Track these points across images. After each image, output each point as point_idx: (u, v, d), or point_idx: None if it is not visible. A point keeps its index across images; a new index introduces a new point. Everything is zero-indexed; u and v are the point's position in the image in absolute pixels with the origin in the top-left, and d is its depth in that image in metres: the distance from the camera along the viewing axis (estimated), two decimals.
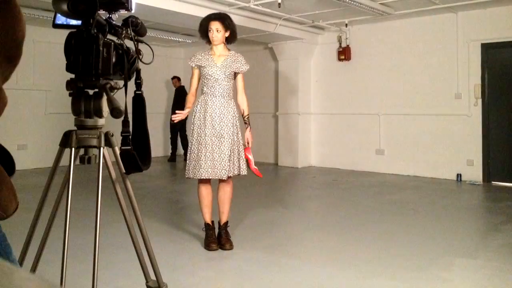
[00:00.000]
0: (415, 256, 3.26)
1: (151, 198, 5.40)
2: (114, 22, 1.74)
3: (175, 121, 3.47)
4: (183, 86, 8.88)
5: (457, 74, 6.82)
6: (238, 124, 3.48)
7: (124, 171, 1.81)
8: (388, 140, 7.51)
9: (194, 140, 3.40)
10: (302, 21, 7.41)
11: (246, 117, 3.56)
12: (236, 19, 6.57)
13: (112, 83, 1.70)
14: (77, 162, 1.79)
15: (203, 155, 3.33)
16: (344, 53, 7.89)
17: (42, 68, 7.93)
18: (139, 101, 1.81)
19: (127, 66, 1.67)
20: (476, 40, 6.63)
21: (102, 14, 1.71)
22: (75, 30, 1.64)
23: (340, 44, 8.04)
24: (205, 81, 3.44)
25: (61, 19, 1.67)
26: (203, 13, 6.13)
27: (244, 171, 3.46)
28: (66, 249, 1.68)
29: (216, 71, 3.41)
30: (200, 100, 3.46)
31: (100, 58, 1.59)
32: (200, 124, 3.39)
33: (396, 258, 3.22)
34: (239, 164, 3.43)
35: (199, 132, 3.38)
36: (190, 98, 3.50)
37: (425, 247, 3.46)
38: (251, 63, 4.68)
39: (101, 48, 1.59)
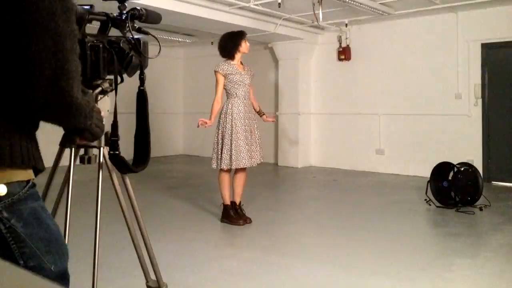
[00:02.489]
0: (415, 256, 3.26)
1: (152, 197, 5.41)
2: (115, 15, 1.69)
3: (204, 127, 4.05)
4: None
5: (457, 74, 6.81)
6: (256, 119, 4.22)
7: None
8: (388, 140, 7.50)
9: (228, 136, 3.99)
10: (302, 21, 7.41)
11: (260, 110, 4.40)
12: (236, 19, 6.61)
13: (105, 85, 1.66)
14: (77, 162, 1.78)
15: (242, 148, 3.97)
16: (344, 53, 7.89)
17: None
18: (141, 97, 1.79)
19: (117, 67, 1.63)
20: (476, 40, 6.62)
21: (101, 7, 1.65)
22: None
23: (340, 44, 8.03)
24: (236, 86, 4.07)
25: None
26: (203, 13, 6.18)
27: (261, 159, 4.18)
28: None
29: (244, 77, 4.11)
30: (231, 103, 4.07)
31: (88, 62, 1.55)
32: (233, 123, 4.01)
33: (396, 258, 3.21)
34: (260, 156, 4.16)
35: (233, 130, 3.99)
36: (217, 106, 4.11)
37: (425, 247, 3.47)
38: (251, 63, 4.72)
39: (88, 52, 1.55)
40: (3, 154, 1.04)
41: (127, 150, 1.87)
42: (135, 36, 1.67)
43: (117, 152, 1.72)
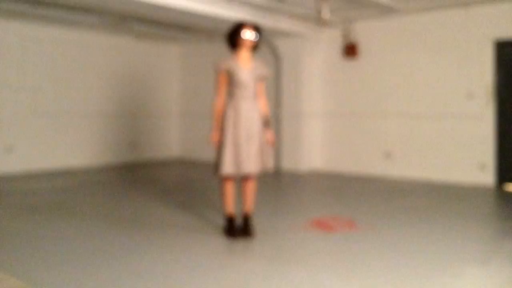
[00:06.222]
0: (425, 263, 3.20)
1: (148, 202, 5.18)
2: None
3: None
4: None
5: (469, 72, 6.62)
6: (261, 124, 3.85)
7: None
8: (397, 142, 7.31)
9: (228, 140, 3.66)
10: (306, 15, 7.18)
11: (266, 118, 3.93)
12: (236, 15, 6.33)
13: None
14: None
15: (237, 154, 3.65)
16: (350, 50, 7.66)
17: (30, 66, 7.64)
18: None
19: None
20: (490, 37, 6.44)
21: None
22: None
23: (346, 40, 7.77)
24: (233, 84, 3.73)
25: None
26: (203, 9, 5.91)
27: (268, 166, 3.82)
28: None
29: (245, 75, 3.72)
30: (227, 104, 3.76)
31: None
32: (225, 126, 3.71)
33: (405, 266, 3.15)
34: (264, 160, 3.79)
35: (231, 133, 3.68)
36: (218, 106, 3.81)
37: (436, 254, 3.40)
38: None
39: None
40: None
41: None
42: None
43: None
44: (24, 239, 3.79)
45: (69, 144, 8.20)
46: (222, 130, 3.74)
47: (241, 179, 3.89)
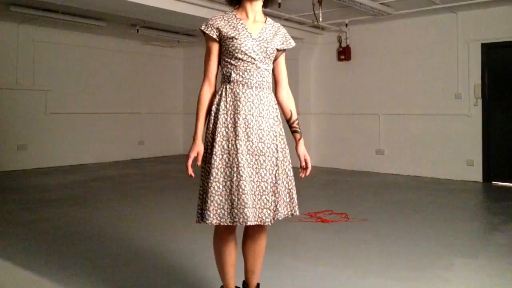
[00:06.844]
0: (415, 256, 3.25)
1: (153, 197, 5.41)
2: None
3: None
4: None
5: (457, 74, 6.80)
6: (283, 132, 2.20)
7: None
8: (388, 140, 7.51)
9: (218, 160, 2.01)
10: (302, 21, 7.40)
11: (296, 122, 2.27)
12: None
13: None
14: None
15: (234, 186, 1.98)
16: (344, 53, 7.89)
17: (42, 68, 7.91)
18: None
19: None
20: (476, 40, 6.62)
21: None
22: None
23: (340, 44, 8.03)
24: (232, 60, 2.07)
25: None
26: (203, 13, 6.17)
27: (297, 210, 2.21)
28: None
29: (254, 44, 2.07)
30: (224, 94, 2.07)
31: None
32: (227, 134, 2.04)
33: (396, 258, 3.20)
34: (290, 198, 2.19)
35: (225, 147, 2.03)
36: (202, 99, 2.10)
37: (425, 247, 3.45)
38: None
39: None
40: None
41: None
42: None
43: None
44: (35, 231, 3.85)
45: (79, 141, 8.45)
46: None
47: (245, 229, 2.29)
